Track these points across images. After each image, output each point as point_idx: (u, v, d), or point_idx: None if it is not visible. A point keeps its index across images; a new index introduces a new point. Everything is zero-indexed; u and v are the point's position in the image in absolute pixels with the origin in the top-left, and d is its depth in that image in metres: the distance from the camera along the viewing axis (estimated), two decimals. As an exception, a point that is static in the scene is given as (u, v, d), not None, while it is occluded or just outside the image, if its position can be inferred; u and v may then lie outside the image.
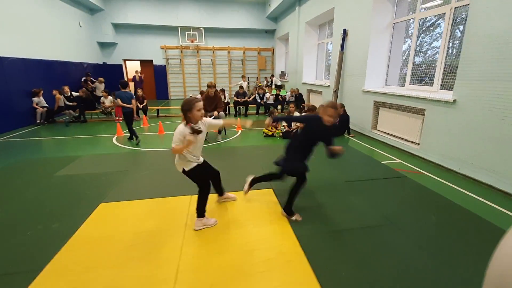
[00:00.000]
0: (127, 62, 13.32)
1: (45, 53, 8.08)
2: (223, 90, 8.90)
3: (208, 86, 5.58)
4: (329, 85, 7.87)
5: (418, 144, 4.69)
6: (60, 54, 8.90)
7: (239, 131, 6.64)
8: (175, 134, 2.19)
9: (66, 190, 3.30)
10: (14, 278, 1.87)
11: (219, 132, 5.88)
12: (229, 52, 13.74)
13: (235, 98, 8.82)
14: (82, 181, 3.53)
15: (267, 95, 9.07)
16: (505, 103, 3.19)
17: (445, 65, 4.50)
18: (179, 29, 12.60)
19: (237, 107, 8.85)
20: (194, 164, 2.36)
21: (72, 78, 9.35)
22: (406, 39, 5.67)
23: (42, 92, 7.44)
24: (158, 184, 3.42)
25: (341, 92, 7.18)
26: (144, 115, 7.86)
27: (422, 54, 5.21)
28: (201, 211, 2.44)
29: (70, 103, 7.75)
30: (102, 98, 8.25)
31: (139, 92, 7.92)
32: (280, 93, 9.39)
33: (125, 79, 13.14)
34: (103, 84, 9.98)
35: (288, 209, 2.62)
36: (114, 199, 3.03)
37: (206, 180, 2.48)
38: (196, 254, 2.13)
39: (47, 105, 7.53)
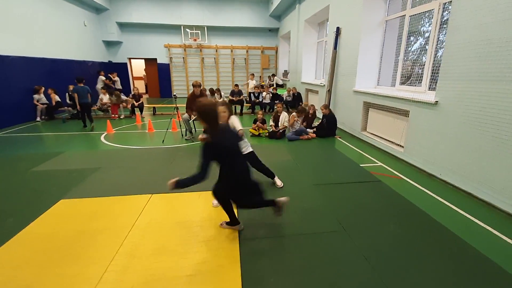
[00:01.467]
0: (132, 60, 13.55)
1: (49, 52, 8.33)
2: (218, 90, 8.91)
3: (194, 86, 5.56)
4: (324, 85, 7.67)
5: (403, 147, 4.48)
6: (65, 52, 9.16)
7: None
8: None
9: (34, 185, 3.37)
10: None
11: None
12: (232, 51, 13.70)
13: (230, 97, 8.77)
14: (52, 177, 3.59)
15: (264, 94, 8.97)
16: (486, 105, 2.96)
17: (433, 65, 4.27)
18: (182, 27, 12.68)
19: (233, 106, 8.79)
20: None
21: (76, 76, 9.58)
22: (400, 38, 5.42)
23: (43, 89, 7.68)
24: (124, 182, 3.43)
25: (334, 92, 6.98)
26: (138, 113, 7.96)
27: (412, 53, 4.96)
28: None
29: (69, 101, 7.96)
30: (100, 95, 8.42)
31: (135, 90, 8.02)
32: (277, 92, 9.25)
33: (130, 76, 13.40)
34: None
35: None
36: (76, 195, 3.06)
37: None
38: (130, 254, 2.10)
39: (47, 102, 7.77)
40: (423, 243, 2.28)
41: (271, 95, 9.19)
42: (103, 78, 9.56)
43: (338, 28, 6.56)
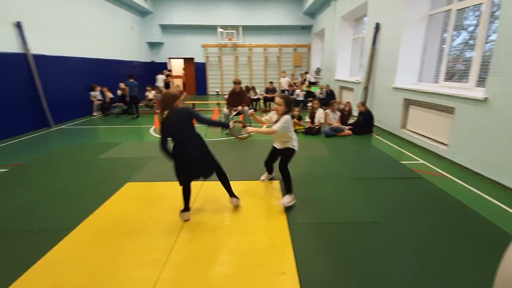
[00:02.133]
0: (171, 60, 14.29)
1: (102, 53, 9.15)
2: (253, 87, 9.15)
3: (234, 83, 5.83)
4: (360, 82, 7.55)
5: (447, 145, 4.33)
6: (115, 53, 9.98)
7: (265, 126, 6.78)
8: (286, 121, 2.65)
9: (103, 170, 3.84)
10: (49, 235, 2.31)
11: (244, 126, 6.07)
12: (265, 49, 13.87)
13: (265, 94, 8.95)
14: (116, 163, 4.05)
15: (297, 91, 9.03)
16: None
17: (482, 60, 4.07)
18: (218, 28, 13.10)
19: (266, 103, 8.97)
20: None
21: (124, 75, 10.40)
22: (444, 33, 5.20)
23: (97, 87, 8.47)
24: (172, 169, 3.77)
25: (372, 89, 6.86)
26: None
27: (456, 49, 4.74)
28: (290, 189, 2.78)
29: (119, 95, 8.70)
30: (146, 92, 9.06)
31: (177, 88, 8.51)
32: (311, 90, 9.26)
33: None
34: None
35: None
36: (138, 179, 3.45)
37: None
38: (193, 230, 2.37)
39: (102, 99, 8.56)
40: (469, 237, 2.27)
41: (304, 92, 9.22)
42: (164, 77, 10.36)
43: (377, 24, 6.43)
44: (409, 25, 5.42)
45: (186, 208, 2.55)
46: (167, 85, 10.01)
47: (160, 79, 10.39)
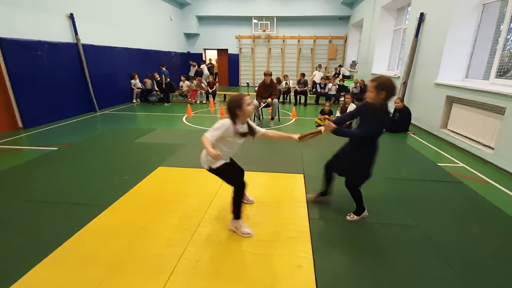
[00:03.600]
0: (206, 51, 14.58)
1: (143, 43, 9.62)
2: (286, 76, 9.06)
3: (265, 74, 5.80)
4: (399, 76, 7.06)
5: (493, 148, 3.92)
6: (155, 44, 10.43)
7: (293, 119, 6.70)
8: (217, 125, 1.95)
9: (139, 153, 4.09)
10: (89, 208, 2.55)
11: (272, 118, 6.06)
12: (299, 41, 13.52)
13: (297, 87, 8.79)
14: (150, 148, 4.29)
15: (329, 85, 8.72)
16: None
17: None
18: (252, 19, 13.02)
19: (297, 96, 8.81)
20: (222, 162, 2.06)
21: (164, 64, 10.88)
22: (500, 24, 4.63)
23: (137, 75, 8.96)
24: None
25: (411, 84, 6.39)
26: (212, 99, 8.64)
27: (517, 41, 4.20)
28: (237, 213, 2.17)
29: (156, 88, 9.13)
30: (180, 82, 9.39)
31: (210, 78, 8.71)
32: (344, 84, 8.88)
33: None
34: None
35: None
36: (170, 164, 3.63)
37: (238, 177, 2.18)
38: (216, 216, 2.45)
39: (141, 87, 9.05)
40: (509, 249, 2.06)
41: (337, 86, 8.88)
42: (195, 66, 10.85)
43: (422, 14, 5.91)
44: (458, 15, 4.91)
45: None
46: (198, 73, 10.35)
47: (192, 68, 10.80)
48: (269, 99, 5.74)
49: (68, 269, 1.82)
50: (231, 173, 2.15)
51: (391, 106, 6.34)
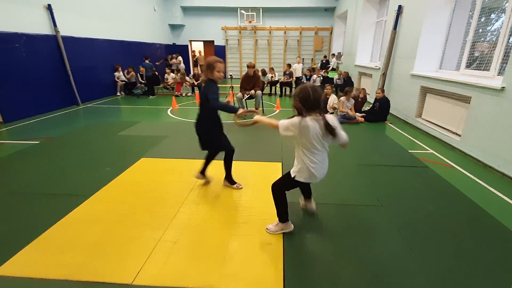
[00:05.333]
0: (192, 42, 14.42)
1: (125, 35, 9.46)
2: (272, 69, 9.14)
3: (248, 67, 5.89)
4: (379, 68, 7.29)
5: (460, 135, 4.20)
6: (138, 35, 10.27)
7: (277, 110, 6.84)
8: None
9: (122, 145, 4.16)
10: (72, 198, 2.63)
11: (256, 109, 6.18)
12: (285, 33, 13.57)
13: (283, 78, 8.90)
14: (134, 140, 4.36)
15: (314, 77, 8.88)
16: None
17: (507, 46, 3.82)
18: (238, 9, 12.94)
19: (282, 87, 8.94)
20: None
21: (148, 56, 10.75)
22: (471, 17, 4.85)
23: (120, 68, 8.85)
24: (188, 149, 4.00)
25: (390, 76, 6.62)
26: (197, 91, 8.66)
27: (483, 35, 4.44)
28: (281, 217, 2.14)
29: (142, 80, 9.06)
30: (165, 75, 9.35)
31: (195, 70, 8.69)
32: (328, 75, 9.06)
33: (190, 58, 14.33)
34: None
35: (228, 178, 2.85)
36: (152, 156, 3.72)
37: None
38: (195, 202, 2.59)
39: (125, 79, 8.96)
40: (464, 228, 2.29)
41: (321, 78, 9.05)
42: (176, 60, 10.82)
43: (400, 7, 6.10)
44: (433, 8, 5.11)
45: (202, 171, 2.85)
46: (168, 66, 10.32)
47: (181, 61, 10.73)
48: (252, 91, 5.86)
49: (50, 254, 1.93)
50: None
51: (372, 96, 6.57)
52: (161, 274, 1.77)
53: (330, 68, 11.12)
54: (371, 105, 6.22)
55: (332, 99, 5.88)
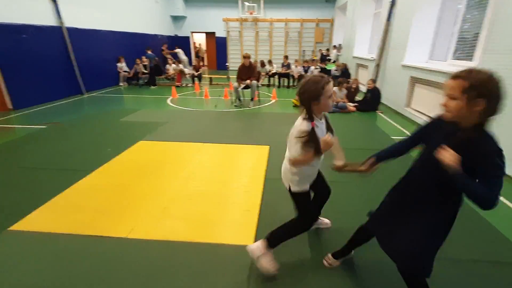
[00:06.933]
0: (194, 34, 14.64)
1: (128, 26, 9.74)
2: (270, 62, 9.36)
3: (244, 57, 6.14)
4: (374, 59, 7.46)
5: (442, 123, 4.43)
6: (140, 27, 10.54)
7: (273, 100, 7.10)
8: (292, 137, 1.48)
9: (122, 130, 4.51)
10: (77, 172, 2.98)
11: (252, 99, 6.47)
12: (286, 24, 13.67)
13: (282, 69, 9.13)
14: (134, 126, 4.70)
15: (312, 68, 9.08)
16: None
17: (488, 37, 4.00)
18: (239, 1, 13.07)
19: (280, 79, 9.17)
20: (307, 186, 1.67)
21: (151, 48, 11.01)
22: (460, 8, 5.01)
23: (123, 59, 9.16)
24: (184, 133, 4.34)
25: (383, 67, 6.81)
26: (197, 82, 8.95)
27: (469, 26, 4.62)
28: (274, 241, 1.69)
29: (145, 70, 9.37)
30: (167, 65, 9.64)
31: (195, 61, 8.96)
32: (326, 67, 9.25)
33: (192, 49, 14.56)
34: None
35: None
36: (149, 139, 4.06)
37: (311, 212, 1.78)
38: (188, 178, 2.92)
39: (128, 70, 9.28)
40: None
41: (319, 69, 9.24)
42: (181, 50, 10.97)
43: (394, -2, 6.25)
44: (424, 0, 5.27)
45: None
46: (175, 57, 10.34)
47: (181, 53, 10.84)
48: (248, 81, 6.12)
49: (59, 214, 2.28)
50: (308, 204, 1.75)
51: (365, 87, 6.78)
52: (153, 230, 2.10)
53: (332, 61, 11.25)
54: (364, 96, 6.44)
55: (325, 89, 6.11)
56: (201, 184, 2.80)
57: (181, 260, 1.84)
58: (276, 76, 9.33)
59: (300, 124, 1.46)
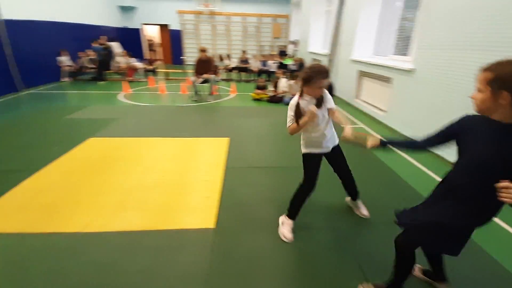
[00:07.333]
0: (146, 26, 14.05)
1: (70, 17, 9.03)
2: (228, 56, 9.46)
3: (201, 51, 6.18)
4: (328, 54, 8.03)
5: (386, 111, 5.02)
6: (84, 17, 9.83)
7: (233, 95, 7.26)
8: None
9: (69, 127, 4.29)
10: (20, 173, 2.82)
11: (210, 94, 6.54)
12: (244, 19, 13.86)
13: (240, 64, 9.30)
14: (82, 123, 4.51)
15: (269, 62, 9.42)
16: (456, 74, 3.31)
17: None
18: (195, -7, 12.90)
19: (240, 72, 9.35)
20: (310, 150, 1.99)
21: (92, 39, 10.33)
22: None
23: (66, 52, 8.50)
24: (137, 129, 4.29)
25: (336, 61, 7.38)
26: (152, 76, 8.70)
27: (406, 23, 5.28)
28: (292, 212, 2.07)
29: (91, 64, 8.80)
30: (117, 58, 9.17)
31: (149, 55, 8.69)
32: (283, 62, 9.66)
33: (144, 42, 13.98)
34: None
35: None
36: (100, 136, 3.94)
37: (312, 176, 2.00)
38: (144, 171, 2.95)
39: (70, 64, 8.63)
40: (379, 188, 2.95)
41: (277, 64, 9.62)
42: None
43: (342, -3, 6.80)
44: (368, -1, 5.85)
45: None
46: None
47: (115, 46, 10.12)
48: (206, 75, 6.18)
49: (5, 214, 2.18)
50: (309, 167, 2.02)
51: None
52: (109, 223, 2.13)
53: (289, 55, 11.73)
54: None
55: (282, 82, 6.46)
56: (159, 176, 2.86)
57: (142, 246, 1.92)
58: (236, 71, 9.48)
59: (292, 99, 1.89)
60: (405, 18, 5.23)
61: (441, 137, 1.34)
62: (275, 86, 6.57)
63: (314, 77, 1.72)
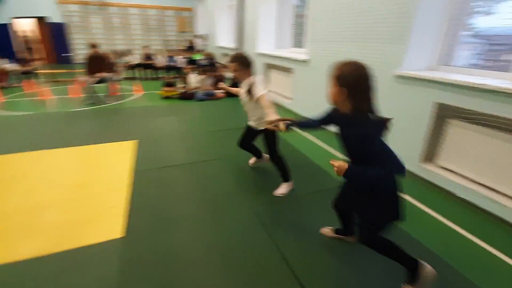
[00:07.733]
0: (18, 20, 11.61)
1: None
2: (129, 51, 8.73)
3: (91, 46, 5.54)
4: (236, 48, 8.31)
5: (291, 99, 5.57)
6: None
7: (138, 94, 6.78)
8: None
9: None
10: None
11: (109, 95, 5.95)
12: (143, 11, 12.97)
13: (143, 60, 8.71)
14: None
15: (177, 58, 9.15)
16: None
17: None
18: (78, -20, 11.35)
19: (145, 70, 8.78)
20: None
21: None
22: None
23: None
24: (18, 143, 3.60)
25: (243, 55, 7.70)
26: (31, 79, 7.32)
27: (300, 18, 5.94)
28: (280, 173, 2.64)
29: None
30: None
31: (25, 54, 7.27)
32: (192, 57, 9.54)
33: (14, 40, 11.57)
34: None
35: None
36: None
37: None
38: (48, 186, 2.52)
39: None
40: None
41: (186, 59, 9.42)
42: None
43: (242, -9, 7.12)
44: (265, -6, 6.29)
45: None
46: None
47: None
48: (100, 74, 5.58)
49: None
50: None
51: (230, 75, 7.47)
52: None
53: (197, 50, 11.59)
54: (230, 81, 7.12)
55: (190, 77, 6.39)
56: (52, 193, 2.50)
57: (35, 275, 1.67)
58: (140, 68, 8.84)
59: (257, 79, 2.49)
60: (300, 15, 5.87)
61: (324, 121, 1.66)
62: (185, 82, 6.44)
63: (251, 64, 2.46)
